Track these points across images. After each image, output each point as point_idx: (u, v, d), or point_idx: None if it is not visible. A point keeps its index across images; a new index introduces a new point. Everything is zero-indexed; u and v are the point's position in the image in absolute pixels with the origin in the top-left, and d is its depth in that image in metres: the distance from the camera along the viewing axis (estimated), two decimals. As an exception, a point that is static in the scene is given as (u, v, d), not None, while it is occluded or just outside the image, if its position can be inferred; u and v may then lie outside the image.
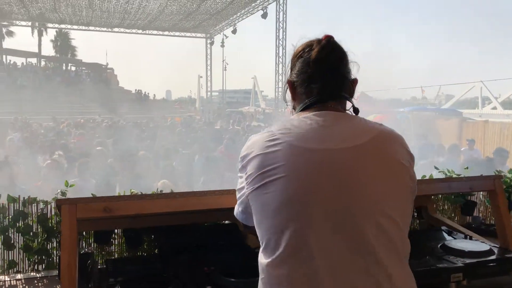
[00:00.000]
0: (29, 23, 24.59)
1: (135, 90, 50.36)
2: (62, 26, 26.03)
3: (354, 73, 1.41)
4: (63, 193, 2.44)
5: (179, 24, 23.24)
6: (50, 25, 25.90)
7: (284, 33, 18.66)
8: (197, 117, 26.14)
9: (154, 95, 50.98)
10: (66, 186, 2.47)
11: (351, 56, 1.39)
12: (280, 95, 19.54)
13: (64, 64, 53.26)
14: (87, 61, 55.46)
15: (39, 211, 2.37)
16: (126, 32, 25.47)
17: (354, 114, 1.34)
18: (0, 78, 35.02)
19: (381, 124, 1.30)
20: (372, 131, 1.24)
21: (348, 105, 1.36)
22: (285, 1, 18.51)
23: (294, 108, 1.40)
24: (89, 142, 9.87)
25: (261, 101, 34.50)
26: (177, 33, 25.84)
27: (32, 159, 7.33)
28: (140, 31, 25.01)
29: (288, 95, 1.41)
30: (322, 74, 1.31)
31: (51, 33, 54.82)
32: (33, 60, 49.24)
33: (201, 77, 28.35)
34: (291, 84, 1.38)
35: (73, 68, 52.09)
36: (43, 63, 50.77)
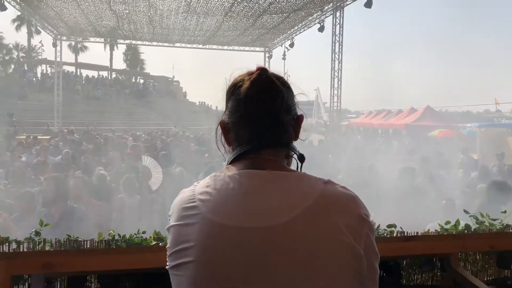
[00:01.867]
0: (101, 39, 25.82)
1: (199, 102, 52.16)
2: (127, 42, 27.07)
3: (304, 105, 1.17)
4: (37, 233, 2.33)
5: (237, 39, 23.45)
6: (118, 41, 27.11)
7: (340, 46, 18.21)
8: None
9: (217, 107, 51.97)
10: (40, 225, 2.35)
11: (296, 88, 1.19)
12: (335, 107, 19.05)
13: (133, 77, 56.10)
14: (154, 74, 58.28)
15: (11, 250, 2.26)
16: (187, 47, 26.10)
17: (292, 171, 1.11)
18: (74, 90, 37.44)
19: (328, 182, 1.06)
20: (308, 198, 1.00)
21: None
22: (341, 14, 18.08)
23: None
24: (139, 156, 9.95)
25: (324, 113, 33.86)
26: (236, 47, 26.07)
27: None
28: (200, 46, 25.52)
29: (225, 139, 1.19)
30: (253, 116, 1.10)
31: (121, 48, 58.08)
32: (105, 73, 52.41)
33: None
34: (223, 127, 1.17)
35: (142, 81, 54.72)
36: (114, 75, 53.86)
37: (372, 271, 1.04)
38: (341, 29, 18.08)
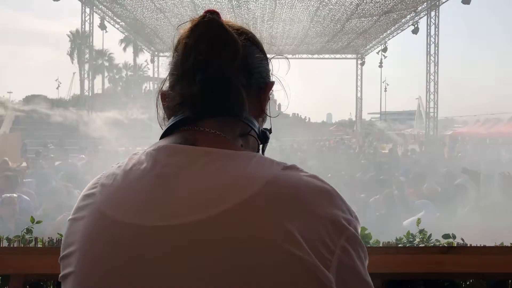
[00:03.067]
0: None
1: (292, 113, 52.20)
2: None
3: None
4: (28, 230, 2.14)
5: (327, 46, 23.05)
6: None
7: (436, 48, 16.95)
8: (353, 140, 25.43)
9: (309, 118, 52.15)
10: (32, 222, 2.16)
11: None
12: (432, 114, 17.67)
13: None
14: (249, 87, 59.59)
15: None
16: (276, 58, 26.21)
17: (241, 150, 0.78)
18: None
19: (291, 167, 0.71)
20: (249, 186, 0.66)
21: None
22: (436, 14, 16.85)
23: None
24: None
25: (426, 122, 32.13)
26: (326, 55, 25.62)
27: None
28: (290, 55, 25.51)
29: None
30: (189, 74, 0.77)
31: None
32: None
33: (360, 98, 27.79)
34: (163, 97, 0.85)
35: (236, 94, 56.29)
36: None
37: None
38: (436, 29, 16.85)
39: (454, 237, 2.00)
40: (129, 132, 24.97)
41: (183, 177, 0.68)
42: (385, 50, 22.23)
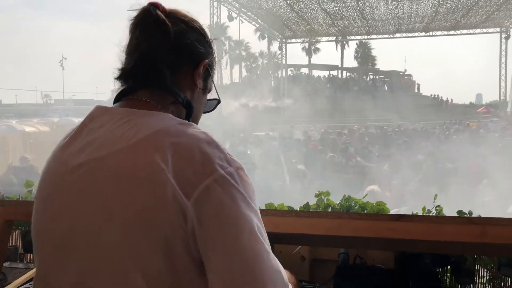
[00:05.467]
0: (321, 38, 26.92)
1: (431, 95, 48.43)
2: (356, 38, 27.40)
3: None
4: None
5: (463, 21, 21.08)
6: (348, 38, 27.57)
7: None
8: (503, 123, 23.00)
9: (451, 99, 47.83)
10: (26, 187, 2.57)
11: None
12: None
13: (365, 74, 56.14)
14: (385, 70, 57.04)
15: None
16: (408, 37, 24.83)
17: (159, 111, 0.95)
18: (304, 91, 39.92)
19: (188, 124, 0.92)
20: (140, 132, 0.87)
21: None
22: None
23: None
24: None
25: None
26: (464, 31, 23.48)
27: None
28: (422, 33, 23.93)
29: None
30: (127, 54, 1.01)
31: (352, 46, 59.14)
32: (335, 73, 53.93)
33: (505, 76, 24.88)
34: None
35: (371, 77, 54.31)
36: (347, 74, 55.00)
37: (227, 243, 0.81)
38: None
39: (470, 214, 1.97)
40: (260, 118, 26.04)
41: (102, 129, 0.91)
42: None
